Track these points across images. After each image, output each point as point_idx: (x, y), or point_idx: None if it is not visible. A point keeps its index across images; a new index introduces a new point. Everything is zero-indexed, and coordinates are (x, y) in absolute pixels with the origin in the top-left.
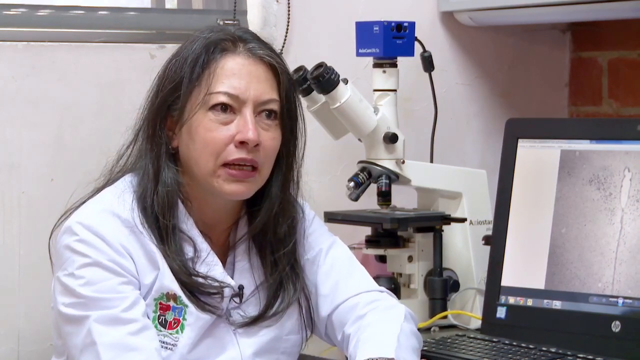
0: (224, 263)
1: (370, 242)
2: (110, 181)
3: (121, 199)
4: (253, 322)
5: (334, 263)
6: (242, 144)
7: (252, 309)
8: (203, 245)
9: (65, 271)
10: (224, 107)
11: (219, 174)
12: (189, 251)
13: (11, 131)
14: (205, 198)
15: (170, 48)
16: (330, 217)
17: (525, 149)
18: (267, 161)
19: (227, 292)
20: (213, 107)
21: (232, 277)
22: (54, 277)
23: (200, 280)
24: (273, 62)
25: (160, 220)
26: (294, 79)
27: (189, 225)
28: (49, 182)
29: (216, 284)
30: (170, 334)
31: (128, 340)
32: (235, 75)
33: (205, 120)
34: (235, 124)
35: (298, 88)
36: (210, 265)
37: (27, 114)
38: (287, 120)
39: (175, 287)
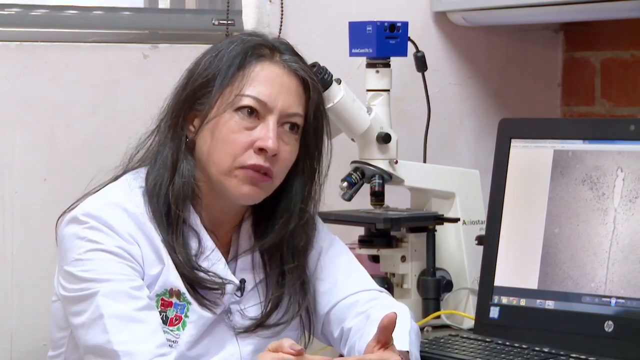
0: (226, 260)
1: (364, 242)
2: (124, 172)
3: (128, 193)
4: (253, 329)
5: (333, 261)
6: (261, 150)
7: (252, 308)
8: (208, 242)
9: (72, 258)
10: (250, 111)
11: (236, 174)
12: (193, 246)
13: (4, 131)
14: (214, 196)
15: (164, 48)
16: (324, 217)
17: (518, 148)
18: (280, 172)
19: (228, 288)
20: (240, 109)
21: (234, 274)
22: (57, 270)
23: (202, 275)
24: (306, 78)
25: (172, 210)
26: (324, 96)
27: (196, 220)
28: (41, 182)
29: (218, 280)
30: (172, 330)
31: (135, 314)
32: (268, 82)
33: (230, 120)
34: (258, 130)
35: None
36: (213, 261)
37: (19, 114)
38: (311, 136)
39: (179, 284)
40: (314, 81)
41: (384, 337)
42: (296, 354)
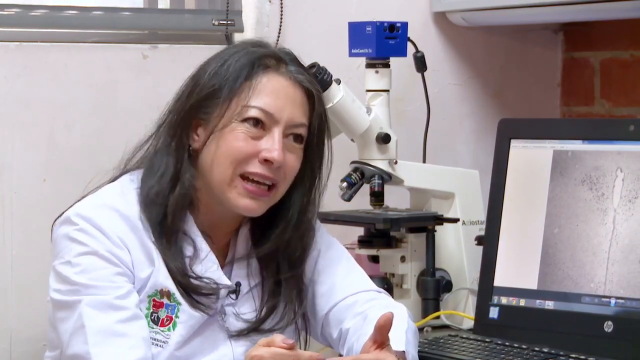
0: (222, 264)
1: (363, 242)
2: (120, 174)
3: (122, 195)
4: (247, 333)
5: (332, 263)
6: (266, 161)
7: (246, 310)
8: (203, 245)
9: (62, 259)
10: (256, 122)
11: (235, 184)
12: (188, 251)
13: (3, 131)
14: (213, 203)
15: (163, 48)
16: (323, 218)
17: (518, 149)
18: (284, 182)
19: (222, 293)
20: (246, 120)
21: (230, 278)
22: (51, 267)
23: (196, 282)
24: (312, 89)
25: (168, 219)
26: (326, 107)
27: (191, 227)
28: (41, 182)
29: (213, 285)
30: (162, 331)
31: (116, 327)
32: (274, 93)
33: (236, 130)
34: (264, 141)
35: None
36: (207, 266)
37: (19, 115)
38: (314, 146)
39: (169, 284)
40: (319, 92)
41: (380, 337)
42: (288, 348)
